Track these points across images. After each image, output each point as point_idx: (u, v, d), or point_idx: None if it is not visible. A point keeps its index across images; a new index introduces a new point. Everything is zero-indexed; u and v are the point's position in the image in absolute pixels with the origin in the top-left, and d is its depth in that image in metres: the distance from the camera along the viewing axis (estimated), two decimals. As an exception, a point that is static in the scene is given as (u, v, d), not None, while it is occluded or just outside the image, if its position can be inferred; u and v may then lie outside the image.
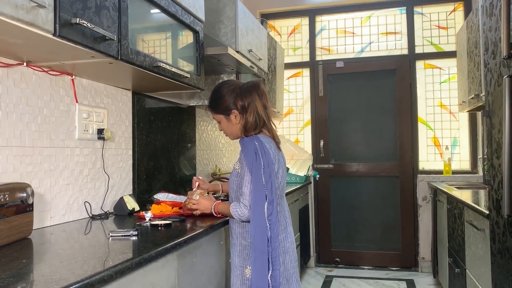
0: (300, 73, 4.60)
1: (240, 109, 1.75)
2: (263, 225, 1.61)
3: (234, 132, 1.81)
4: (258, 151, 1.65)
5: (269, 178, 1.64)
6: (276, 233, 1.63)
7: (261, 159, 1.64)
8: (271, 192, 1.63)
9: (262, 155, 1.65)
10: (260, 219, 1.61)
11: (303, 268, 3.99)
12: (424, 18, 4.25)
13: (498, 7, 1.67)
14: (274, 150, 1.74)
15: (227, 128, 1.82)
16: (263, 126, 1.77)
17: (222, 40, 2.68)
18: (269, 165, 1.65)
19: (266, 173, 1.63)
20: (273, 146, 1.75)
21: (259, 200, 1.61)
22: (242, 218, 1.68)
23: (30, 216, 1.43)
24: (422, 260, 4.08)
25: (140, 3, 1.74)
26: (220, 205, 1.80)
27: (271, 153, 1.69)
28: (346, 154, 4.39)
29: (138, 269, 1.20)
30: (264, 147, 1.68)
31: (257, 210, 1.61)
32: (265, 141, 1.70)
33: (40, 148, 1.68)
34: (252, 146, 1.67)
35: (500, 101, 1.68)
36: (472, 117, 4.08)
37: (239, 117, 1.76)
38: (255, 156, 1.65)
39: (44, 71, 1.69)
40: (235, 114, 1.76)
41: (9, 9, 1.08)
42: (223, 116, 1.79)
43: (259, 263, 1.60)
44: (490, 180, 1.81)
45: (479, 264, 2.18)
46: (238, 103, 1.75)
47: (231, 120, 1.78)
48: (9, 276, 1.00)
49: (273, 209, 1.63)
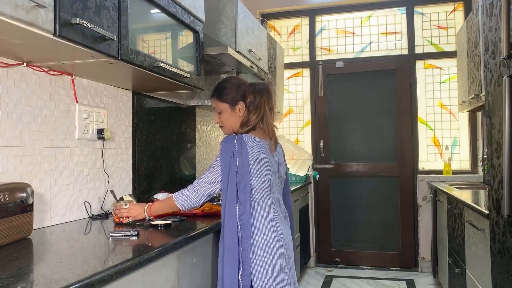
0: (300, 73, 4.60)
1: (248, 104, 1.74)
2: (234, 224, 1.61)
3: (232, 125, 1.77)
4: (235, 152, 1.64)
5: (242, 179, 1.62)
6: (248, 233, 1.61)
7: (237, 159, 1.63)
8: (244, 193, 1.62)
9: (239, 155, 1.63)
10: (232, 218, 1.61)
11: (303, 268, 3.99)
12: (424, 18, 4.25)
13: (498, 7, 1.67)
14: (258, 150, 1.67)
15: (227, 119, 1.78)
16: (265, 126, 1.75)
17: (222, 40, 2.68)
18: (244, 166, 1.63)
19: (240, 174, 1.62)
20: (258, 145, 1.68)
21: (232, 199, 1.61)
22: (188, 204, 1.70)
23: (30, 216, 1.43)
24: (422, 260, 4.08)
25: (140, 3, 1.74)
26: (155, 204, 1.76)
27: (250, 153, 1.65)
28: (346, 154, 4.39)
29: (138, 269, 1.20)
30: (243, 147, 1.64)
31: (229, 210, 1.61)
32: (247, 141, 1.66)
33: (40, 148, 1.68)
34: (231, 147, 1.65)
35: (500, 101, 1.68)
36: (472, 117, 4.08)
37: (243, 111, 1.74)
38: (231, 156, 1.63)
39: (44, 71, 1.69)
40: (241, 106, 1.74)
41: (9, 9, 1.08)
42: (228, 106, 1.76)
43: (229, 261, 1.60)
44: (490, 180, 1.81)
45: (479, 264, 2.18)
46: (249, 98, 1.74)
47: (235, 111, 1.75)
48: (9, 276, 1.00)
49: (245, 210, 1.62)
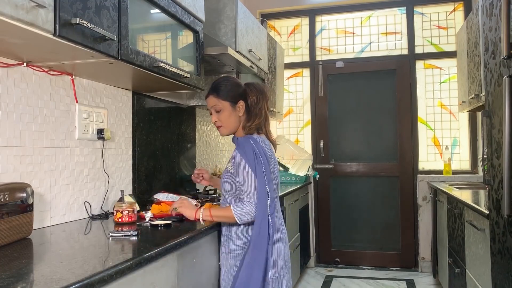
0: (300, 73, 4.60)
1: (250, 104, 1.73)
2: (266, 223, 1.59)
3: (231, 124, 1.74)
4: (256, 150, 1.63)
5: (270, 177, 1.63)
6: (273, 232, 1.63)
7: (261, 157, 1.63)
8: (272, 190, 1.63)
9: (261, 154, 1.64)
10: (264, 217, 1.59)
11: (303, 268, 3.99)
12: (424, 18, 4.25)
13: (498, 7, 1.67)
14: (270, 149, 1.73)
15: (227, 118, 1.73)
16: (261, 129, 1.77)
17: (222, 40, 2.68)
18: (268, 164, 1.65)
19: (268, 171, 1.63)
20: (268, 145, 1.74)
21: (263, 198, 1.60)
22: (247, 218, 1.61)
23: (30, 216, 1.43)
24: (422, 260, 4.08)
25: (140, 3, 1.74)
26: (214, 209, 1.67)
27: (267, 152, 1.69)
28: (346, 154, 4.39)
29: (138, 269, 1.20)
30: (261, 147, 1.66)
31: (261, 209, 1.59)
32: (260, 141, 1.69)
33: (40, 148, 1.68)
34: (249, 146, 1.64)
35: (500, 101, 1.68)
36: (472, 117, 4.08)
37: (243, 110, 1.73)
38: (254, 155, 1.62)
39: (44, 71, 1.69)
40: (241, 105, 1.73)
41: (9, 9, 1.08)
42: (228, 104, 1.72)
43: (256, 263, 1.57)
44: (490, 180, 1.81)
45: (479, 264, 2.18)
46: (251, 97, 1.73)
47: (236, 110, 1.73)
48: (9, 276, 1.00)
49: (275, 207, 1.65)
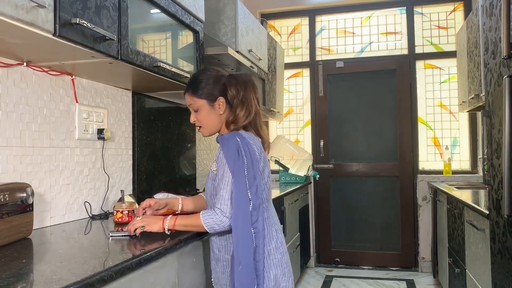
0: (300, 73, 4.60)
1: (230, 99, 1.52)
2: (248, 234, 1.38)
3: (212, 124, 1.56)
4: (240, 148, 1.42)
5: (253, 180, 1.41)
6: (262, 243, 1.41)
7: (244, 157, 1.41)
8: (257, 196, 1.40)
9: (246, 152, 1.42)
10: (245, 227, 1.38)
11: (303, 268, 3.99)
12: (424, 18, 4.25)
13: (498, 7, 1.67)
14: (260, 147, 1.50)
15: (206, 118, 1.55)
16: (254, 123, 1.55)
17: (222, 40, 2.68)
18: (253, 165, 1.42)
19: (251, 174, 1.41)
20: (258, 142, 1.52)
21: (243, 205, 1.38)
22: (218, 228, 1.41)
23: (30, 216, 1.43)
24: (422, 260, 4.08)
25: (140, 3, 1.74)
26: (180, 218, 1.47)
27: (256, 150, 1.46)
28: (346, 154, 4.39)
29: (138, 269, 1.20)
30: (248, 144, 1.44)
31: (241, 217, 1.38)
32: (247, 137, 1.47)
33: (40, 148, 1.68)
34: (233, 143, 1.43)
35: (500, 101, 1.68)
36: (472, 117, 4.08)
37: (224, 107, 1.53)
38: (237, 154, 1.41)
39: (44, 71, 1.69)
40: (220, 102, 1.52)
41: (9, 9, 1.08)
42: (206, 102, 1.53)
43: (245, 279, 1.37)
44: (490, 180, 1.81)
45: (479, 264, 2.18)
46: (230, 91, 1.52)
47: (214, 108, 1.53)
48: (9, 276, 1.00)
49: (259, 215, 1.41)
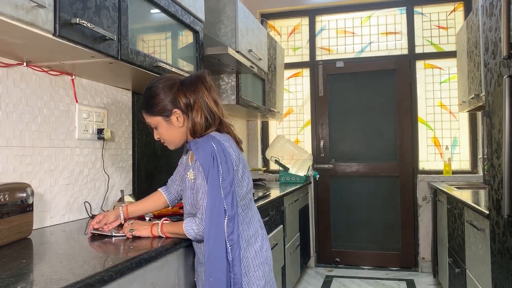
0: (300, 73, 4.60)
1: (184, 108, 1.43)
2: (221, 247, 1.31)
3: (176, 138, 1.48)
4: (216, 156, 1.34)
5: (229, 190, 1.33)
6: (238, 255, 1.34)
7: (220, 165, 1.33)
8: (232, 206, 1.33)
9: (221, 159, 1.34)
10: (217, 240, 1.30)
11: (303, 268, 3.99)
12: (424, 18, 4.25)
13: (498, 7, 1.67)
14: (236, 149, 1.44)
15: (166, 133, 1.47)
16: (218, 125, 1.46)
17: (222, 40, 2.68)
18: (229, 173, 1.35)
19: (226, 183, 1.33)
20: (234, 144, 1.46)
21: (217, 217, 1.31)
22: (199, 237, 1.38)
23: (30, 216, 1.43)
24: (422, 260, 4.08)
25: (140, 3, 1.74)
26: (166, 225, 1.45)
27: (233, 153, 1.40)
28: (346, 154, 4.39)
29: (138, 269, 1.20)
30: (224, 149, 1.37)
31: (214, 230, 1.30)
32: (223, 140, 1.41)
33: (40, 148, 1.68)
34: (208, 148, 1.35)
35: (500, 101, 1.68)
36: (472, 117, 4.08)
37: (182, 118, 1.44)
38: (212, 161, 1.33)
39: (44, 71, 1.69)
40: (177, 114, 1.43)
41: (9, 9, 1.08)
42: (161, 119, 1.45)
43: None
44: (490, 180, 1.81)
45: (479, 264, 2.18)
46: (181, 100, 1.42)
47: (172, 122, 1.45)
48: (9, 276, 1.00)
49: (235, 226, 1.33)
